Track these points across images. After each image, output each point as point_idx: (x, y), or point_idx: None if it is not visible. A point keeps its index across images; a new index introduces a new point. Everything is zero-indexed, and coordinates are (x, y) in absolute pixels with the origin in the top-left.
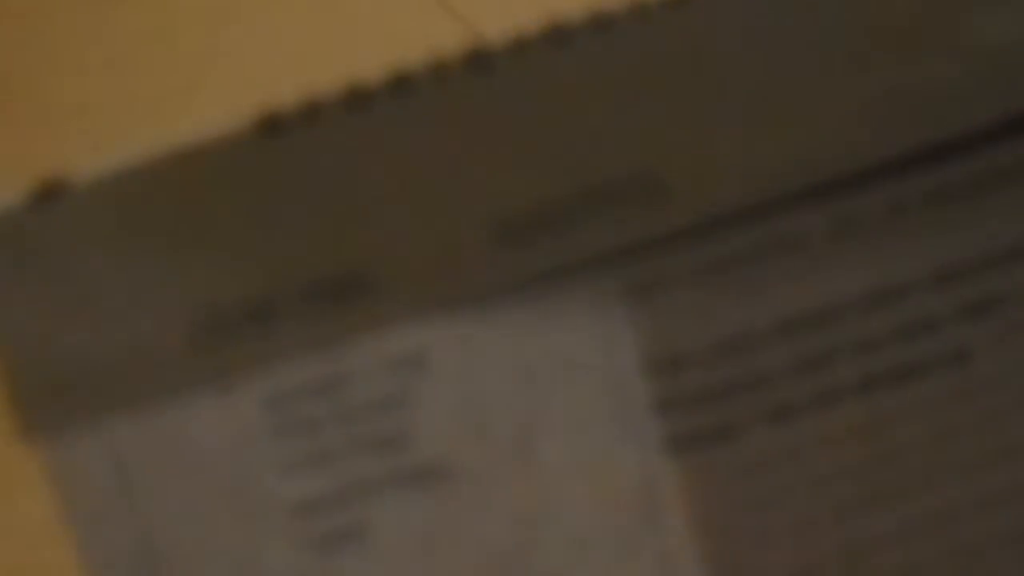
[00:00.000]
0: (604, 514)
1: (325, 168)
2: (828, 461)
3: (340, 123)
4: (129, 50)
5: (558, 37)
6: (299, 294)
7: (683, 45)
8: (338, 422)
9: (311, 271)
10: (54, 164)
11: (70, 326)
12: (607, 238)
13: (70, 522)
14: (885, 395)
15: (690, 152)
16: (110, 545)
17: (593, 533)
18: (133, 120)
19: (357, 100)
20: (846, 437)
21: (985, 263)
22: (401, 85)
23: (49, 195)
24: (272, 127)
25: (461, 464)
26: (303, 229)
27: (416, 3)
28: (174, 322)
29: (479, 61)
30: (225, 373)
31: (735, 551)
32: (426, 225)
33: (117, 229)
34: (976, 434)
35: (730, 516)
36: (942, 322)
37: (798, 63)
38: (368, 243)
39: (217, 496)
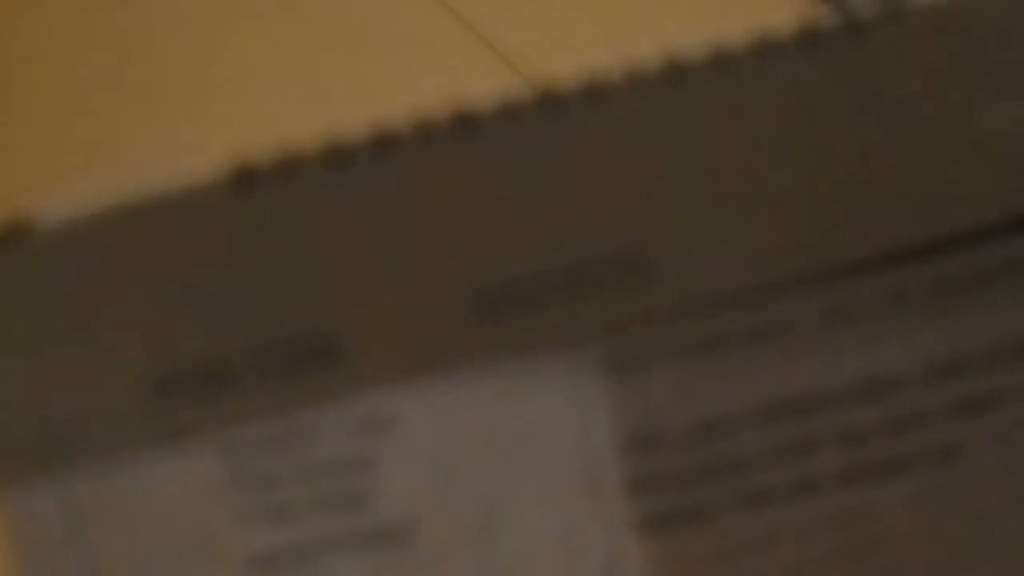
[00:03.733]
0: None
1: (299, 226)
2: (804, 551)
3: (317, 180)
4: (108, 80)
5: (549, 104)
6: (263, 357)
7: (679, 121)
8: (298, 478)
9: (277, 332)
10: (23, 198)
11: (27, 377)
12: (587, 313)
13: None
14: (868, 487)
15: (678, 232)
16: None
17: None
18: (105, 155)
19: (336, 157)
20: (825, 527)
21: (981, 360)
22: (383, 144)
23: (11, 237)
24: (247, 180)
25: (423, 529)
26: (272, 288)
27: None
28: (131, 381)
29: (465, 124)
30: (182, 433)
31: None
32: (401, 291)
33: (78, 277)
34: (961, 532)
35: None
36: (932, 417)
37: (797, 148)
38: (339, 306)
39: (175, 548)
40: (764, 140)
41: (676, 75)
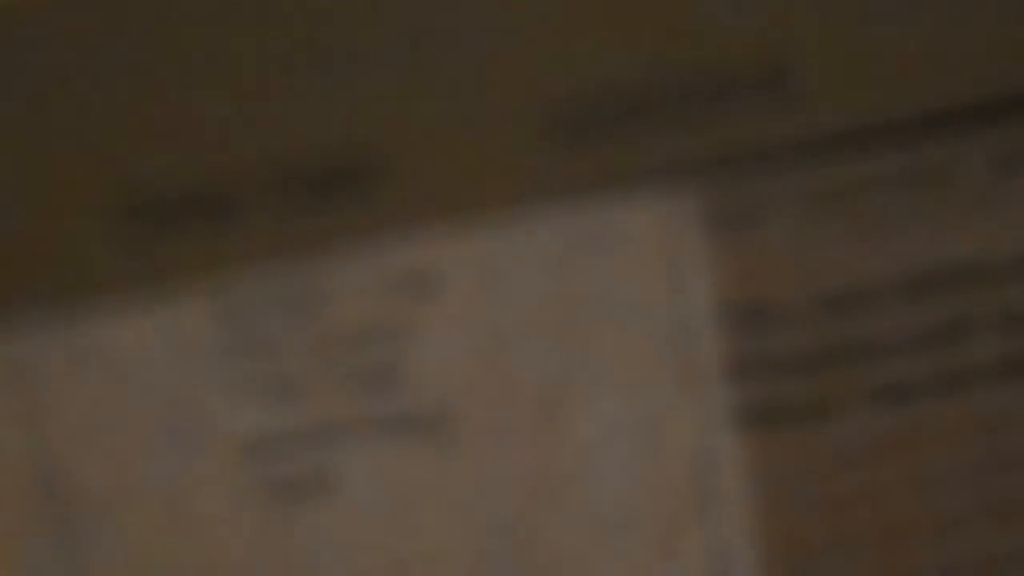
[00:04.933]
0: (644, 495)
1: (324, 12)
2: (946, 459)
3: None
4: None
5: None
6: (274, 181)
7: None
8: (310, 347)
9: (295, 152)
10: None
11: None
12: (691, 143)
13: None
14: None
15: (827, 46)
16: (6, 479)
17: (627, 516)
18: None
19: None
20: (974, 431)
21: None
22: None
23: None
24: None
25: (465, 414)
26: (286, 91)
27: None
28: (98, 205)
29: None
30: (164, 276)
31: (803, 559)
32: (455, 103)
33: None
34: None
35: (804, 515)
36: None
37: None
38: (376, 120)
39: (147, 425)
40: None
41: None
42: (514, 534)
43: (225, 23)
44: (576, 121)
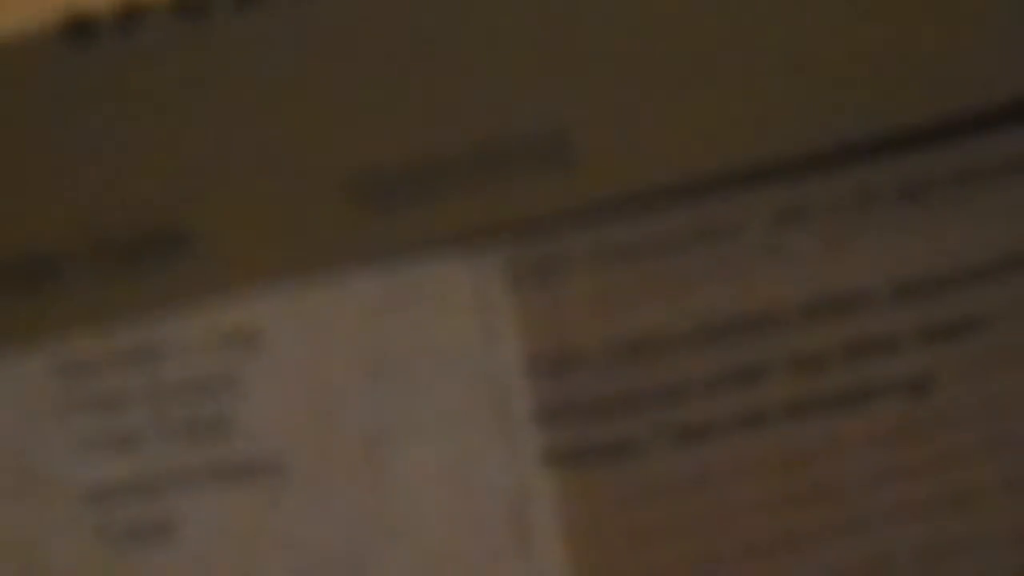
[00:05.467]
0: (466, 531)
1: (145, 89)
2: (743, 493)
3: (169, 31)
4: None
5: None
6: (95, 248)
7: None
8: (147, 400)
9: (114, 219)
10: None
11: None
12: (494, 206)
13: None
14: (823, 422)
15: (605, 111)
16: None
17: (448, 554)
18: None
19: (191, 3)
20: (769, 467)
21: (960, 276)
22: None
23: None
24: (82, 31)
25: (294, 461)
26: (113, 167)
27: None
28: None
29: None
30: (9, 334)
31: None
32: (267, 173)
33: None
34: (925, 476)
35: (615, 548)
36: (902, 341)
37: (754, 18)
38: (195, 192)
39: None
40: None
41: None
42: (343, 572)
43: (46, 98)
44: (377, 188)
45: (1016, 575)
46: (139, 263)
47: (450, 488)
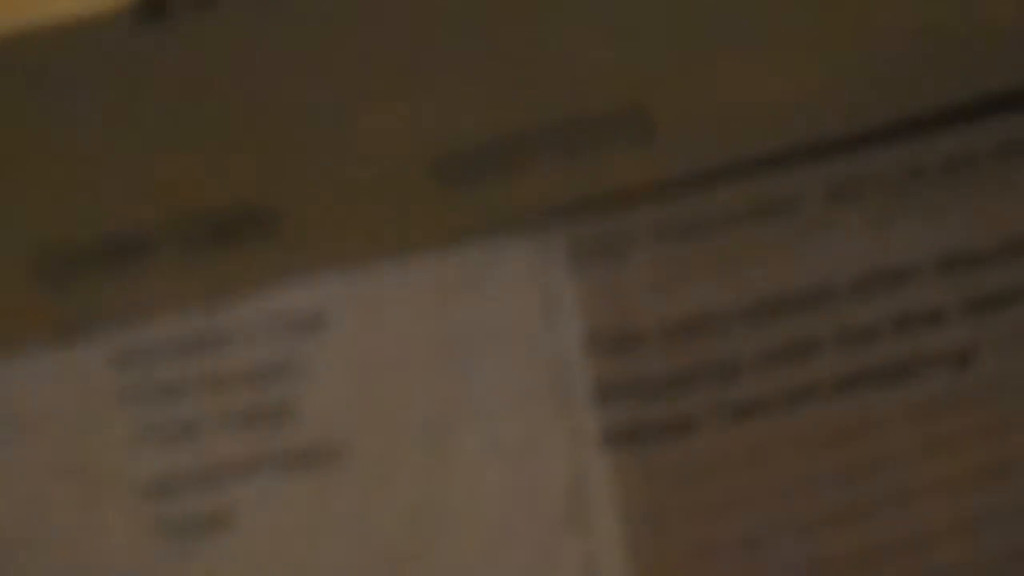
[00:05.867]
0: (523, 512)
1: (223, 68)
2: (795, 469)
3: (245, 8)
4: None
5: None
6: (173, 230)
7: None
8: (206, 390)
9: (194, 202)
10: None
11: None
12: (570, 182)
13: None
14: (870, 395)
15: (685, 87)
16: None
17: (508, 533)
18: None
19: None
20: (819, 442)
21: (1003, 250)
22: None
23: None
24: (154, 8)
25: (354, 446)
26: (188, 147)
27: None
28: (5, 255)
29: None
30: (67, 321)
31: (672, 566)
32: (341, 156)
33: None
34: (973, 447)
35: (671, 524)
36: (945, 316)
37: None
38: (271, 173)
39: (51, 468)
40: None
41: None
42: (405, 556)
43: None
44: (454, 169)
45: None
46: (218, 246)
47: (510, 470)
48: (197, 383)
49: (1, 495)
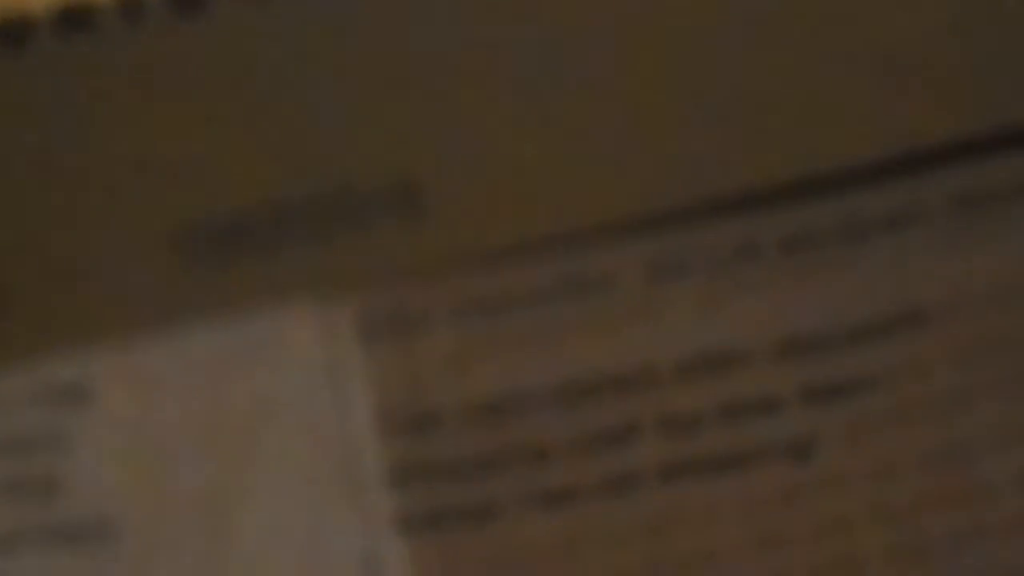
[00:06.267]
0: None
1: None
2: (610, 562)
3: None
4: None
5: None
6: None
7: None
8: None
9: None
10: None
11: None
12: (341, 257)
13: None
14: (696, 486)
15: (458, 165)
16: None
17: None
18: None
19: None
20: (638, 534)
21: (845, 334)
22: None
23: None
24: None
25: (125, 523)
26: None
27: None
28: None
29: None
30: None
31: None
32: (86, 224)
33: None
34: (809, 544)
35: None
36: (782, 404)
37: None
38: (15, 251)
39: None
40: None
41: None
42: None
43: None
44: (209, 241)
45: None
46: None
47: (297, 553)
48: None
49: None
